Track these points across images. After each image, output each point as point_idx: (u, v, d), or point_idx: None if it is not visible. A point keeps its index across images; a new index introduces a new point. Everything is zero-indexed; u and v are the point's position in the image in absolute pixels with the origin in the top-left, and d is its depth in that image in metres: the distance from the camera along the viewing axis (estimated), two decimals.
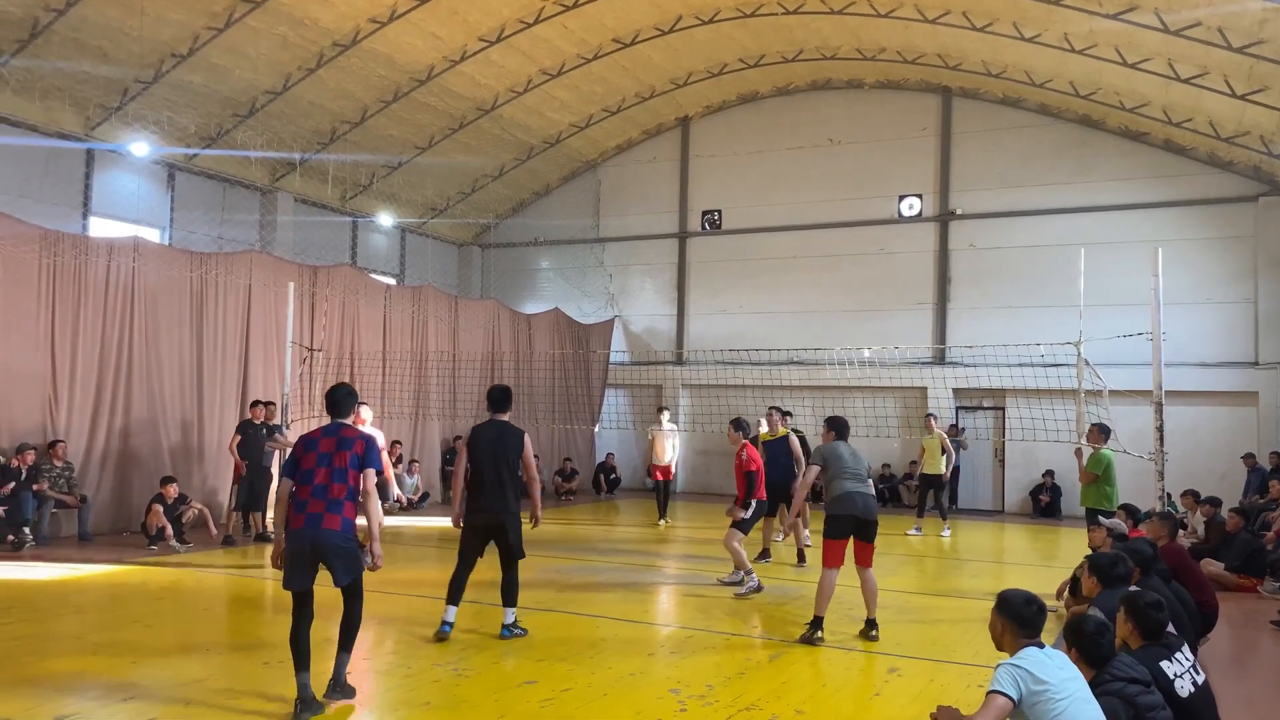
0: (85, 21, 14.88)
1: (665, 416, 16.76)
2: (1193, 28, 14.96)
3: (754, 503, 10.24)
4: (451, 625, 7.70)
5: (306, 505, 5.91)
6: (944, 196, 21.45)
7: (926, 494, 16.15)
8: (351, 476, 6.01)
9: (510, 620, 7.79)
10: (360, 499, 6.10)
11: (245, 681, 6.43)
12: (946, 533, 15.61)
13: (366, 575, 6.17)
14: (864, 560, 8.24)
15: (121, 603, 9.03)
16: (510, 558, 7.81)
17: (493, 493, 7.72)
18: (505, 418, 7.97)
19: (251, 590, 10.14)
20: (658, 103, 23.03)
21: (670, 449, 16.57)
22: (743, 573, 10.12)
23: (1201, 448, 18.30)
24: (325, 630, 6.18)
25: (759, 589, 9.95)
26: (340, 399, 6.38)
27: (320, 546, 5.86)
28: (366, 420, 10.63)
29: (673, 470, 16.97)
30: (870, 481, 8.44)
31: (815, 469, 8.42)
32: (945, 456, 15.77)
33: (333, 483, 5.95)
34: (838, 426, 8.69)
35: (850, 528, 8.12)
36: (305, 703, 5.70)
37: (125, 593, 9.51)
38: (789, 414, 14.16)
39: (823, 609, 8.05)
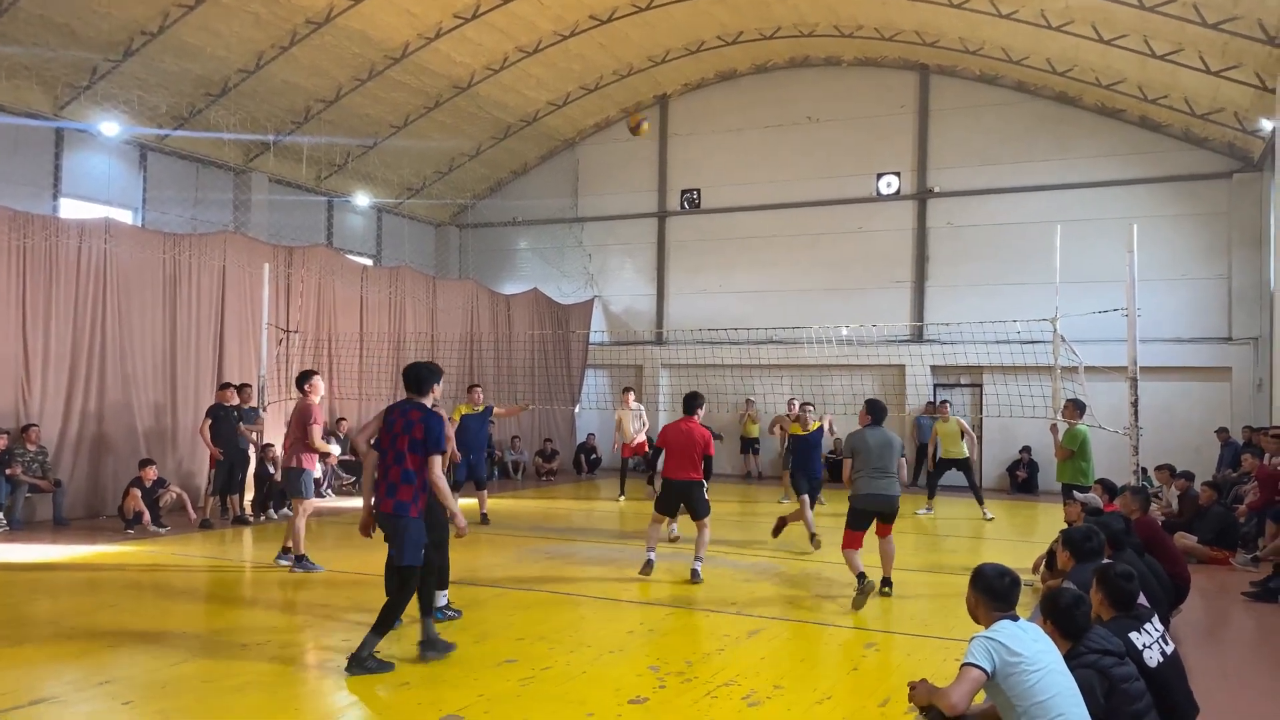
0: None
1: (631, 397, 16.78)
2: (1168, 4, 15.00)
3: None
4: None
5: (376, 485, 6.43)
6: (922, 174, 21.49)
7: (939, 477, 15.84)
8: (411, 460, 6.32)
9: (442, 603, 7.66)
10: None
11: (223, 665, 6.40)
12: (989, 515, 15.00)
13: (335, 555, 6.20)
14: (883, 533, 9.13)
15: (98, 587, 8.97)
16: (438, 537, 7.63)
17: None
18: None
19: (230, 574, 10.10)
20: (636, 80, 22.90)
21: (637, 428, 16.59)
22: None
23: (1175, 422, 18.50)
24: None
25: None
26: (422, 376, 6.62)
27: (382, 523, 6.37)
28: (319, 392, 10.19)
29: (647, 447, 16.88)
30: (902, 463, 9.02)
31: (848, 462, 9.06)
32: (966, 440, 15.38)
33: (393, 465, 6.34)
34: (874, 411, 9.13)
35: (867, 521, 8.96)
36: (428, 641, 6.49)
37: (102, 577, 9.44)
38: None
39: (859, 568, 8.73)
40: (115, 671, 6.20)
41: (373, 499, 6.49)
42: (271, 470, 13.95)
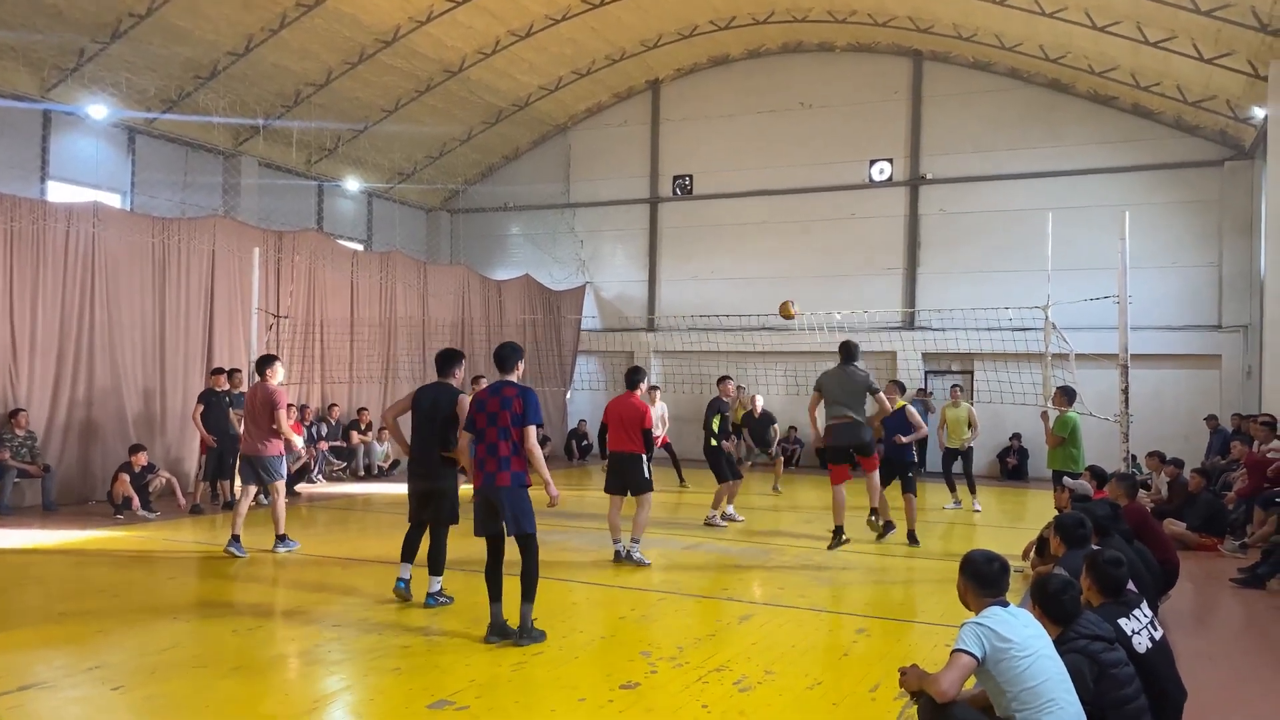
0: None
1: (657, 394, 16.83)
2: None
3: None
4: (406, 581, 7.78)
5: (484, 463, 6.70)
6: (914, 161, 21.46)
7: (950, 467, 14.96)
8: (515, 433, 6.67)
9: (435, 589, 7.74)
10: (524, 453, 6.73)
11: (213, 650, 6.39)
12: (978, 508, 14.46)
13: (325, 540, 6.17)
14: (868, 467, 10.16)
15: (87, 572, 8.94)
16: (437, 523, 7.84)
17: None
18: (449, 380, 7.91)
19: (219, 559, 10.07)
20: (628, 65, 22.80)
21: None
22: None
23: (1165, 410, 18.57)
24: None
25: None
26: (506, 355, 6.98)
27: (494, 498, 6.66)
28: (278, 377, 10.06)
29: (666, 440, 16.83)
30: (881, 399, 10.42)
31: (814, 394, 10.32)
32: (972, 431, 14.80)
33: (500, 441, 6.65)
34: (842, 350, 10.34)
35: (839, 455, 9.99)
36: (496, 628, 6.64)
37: (91, 562, 9.41)
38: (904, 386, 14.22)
39: (840, 519, 9.73)
40: (105, 656, 6.18)
41: (481, 476, 6.74)
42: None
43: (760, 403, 17.17)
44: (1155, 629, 4.89)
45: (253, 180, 19.93)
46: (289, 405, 9.95)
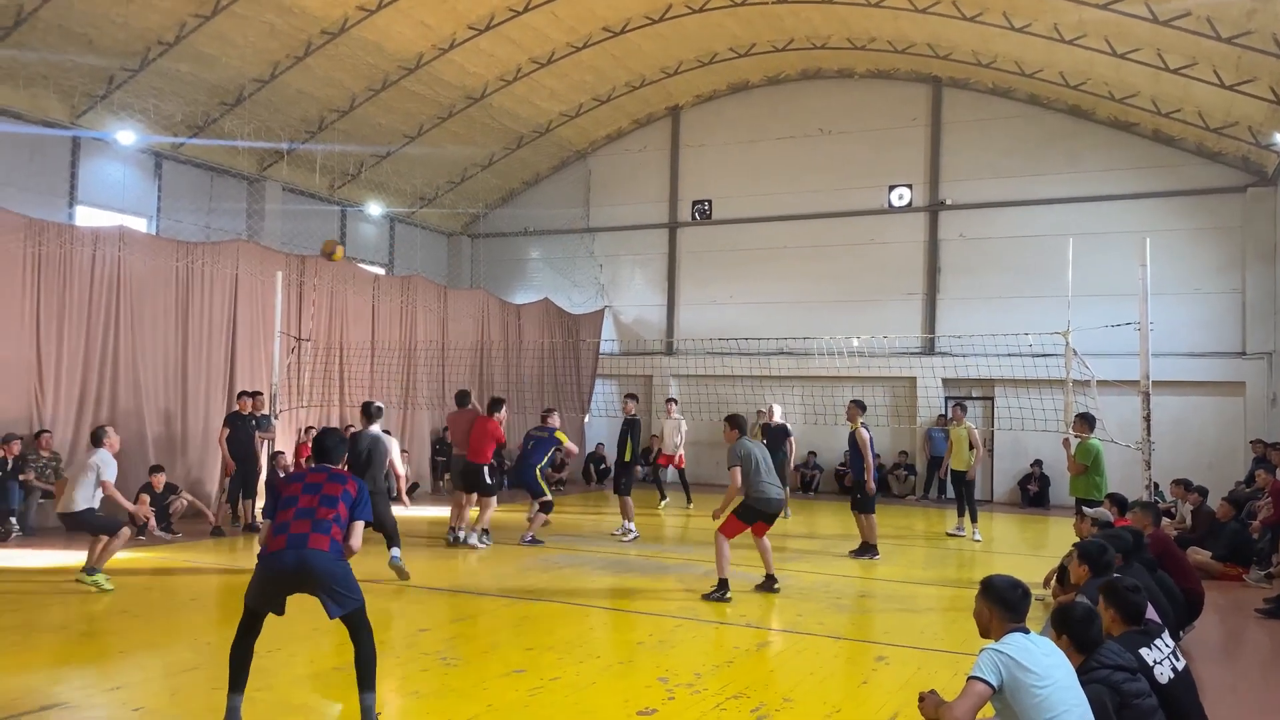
0: (70, 9, 14.73)
1: (673, 408, 17.39)
2: (1182, 18, 14.97)
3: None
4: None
5: (289, 526, 5.30)
6: (934, 187, 21.47)
7: (960, 490, 14.50)
8: (343, 509, 5.41)
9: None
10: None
11: None
12: (977, 536, 14.11)
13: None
14: (759, 532, 9.81)
15: (108, 592, 8.99)
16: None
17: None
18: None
19: (240, 581, 10.10)
20: (648, 92, 22.96)
21: (677, 442, 17.08)
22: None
23: (1189, 437, 18.40)
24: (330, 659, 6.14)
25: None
26: (330, 447, 5.87)
27: (306, 567, 5.21)
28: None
29: (684, 462, 17.60)
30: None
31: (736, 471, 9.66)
32: (974, 452, 14.20)
33: (320, 506, 5.37)
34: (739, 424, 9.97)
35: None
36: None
37: (113, 582, 9.46)
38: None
39: (724, 571, 9.33)
40: (125, 677, 6.22)
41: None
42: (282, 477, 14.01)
43: (778, 412, 16.34)
44: (1178, 659, 4.84)
45: (276, 205, 20.14)
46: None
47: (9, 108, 15.65)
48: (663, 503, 17.63)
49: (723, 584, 9.23)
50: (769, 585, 9.69)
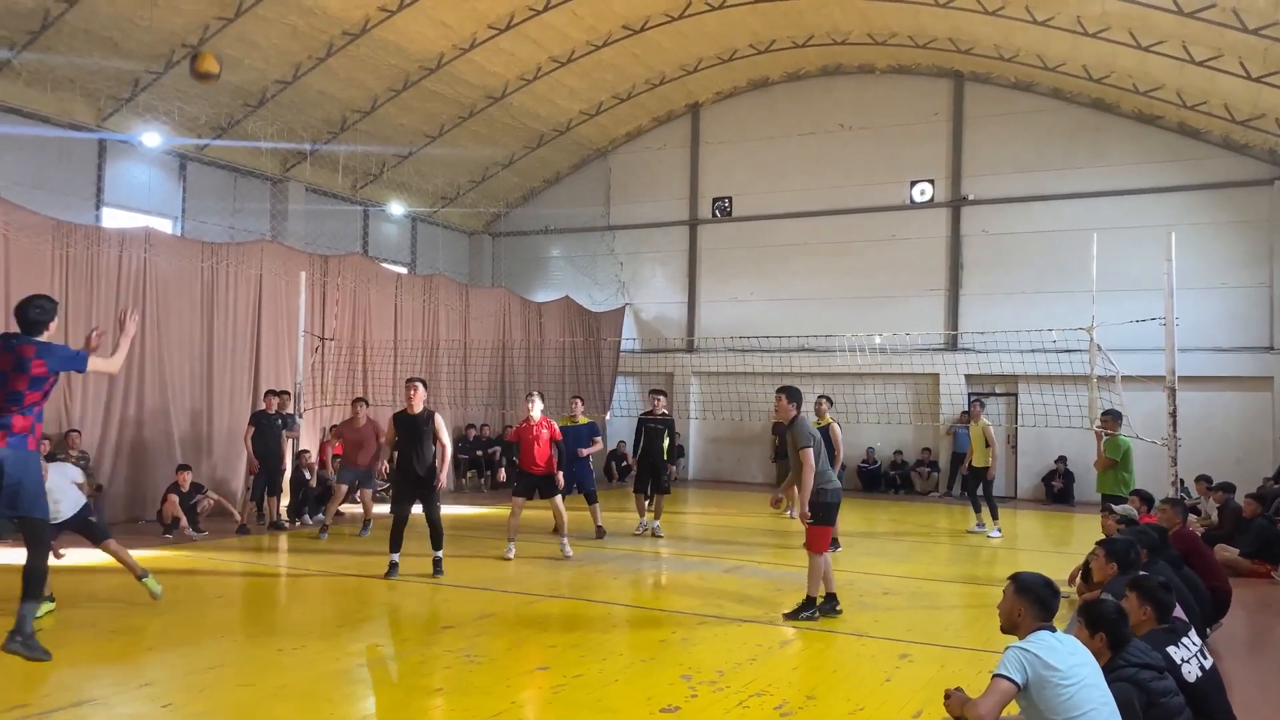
0: (96, 13, 14.91)
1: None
2: (1207, 9, 14.81)
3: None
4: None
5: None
6: (956, 182, 21.35)
7: (976, 487, 14.40)
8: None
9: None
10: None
11: (259, 669, 6.49)
12: (996, 533, 13.96)
13: (363, 561, 6.19)
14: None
15: (137, 591, 9.09)
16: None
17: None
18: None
19: (266, 579, 10.21)
20: (668, 89, 22.96)
21: None
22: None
23: (1215, 433, 18.21)
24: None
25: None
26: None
27: None
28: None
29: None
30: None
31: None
32: (989, 450, 14.05)
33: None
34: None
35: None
36: None
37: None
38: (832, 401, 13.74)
39: (819, 588, 8.39)
40: (155, 674, 6.30)
41: None
42: (308, 476, 14.14)
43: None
44: (1205, 657, 4.81)
45: (299, 205, 20.30)
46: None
47: (37, 111, 15.85)
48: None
49: (810, 602, 8.30)
50: (830, 606, 8.49)
